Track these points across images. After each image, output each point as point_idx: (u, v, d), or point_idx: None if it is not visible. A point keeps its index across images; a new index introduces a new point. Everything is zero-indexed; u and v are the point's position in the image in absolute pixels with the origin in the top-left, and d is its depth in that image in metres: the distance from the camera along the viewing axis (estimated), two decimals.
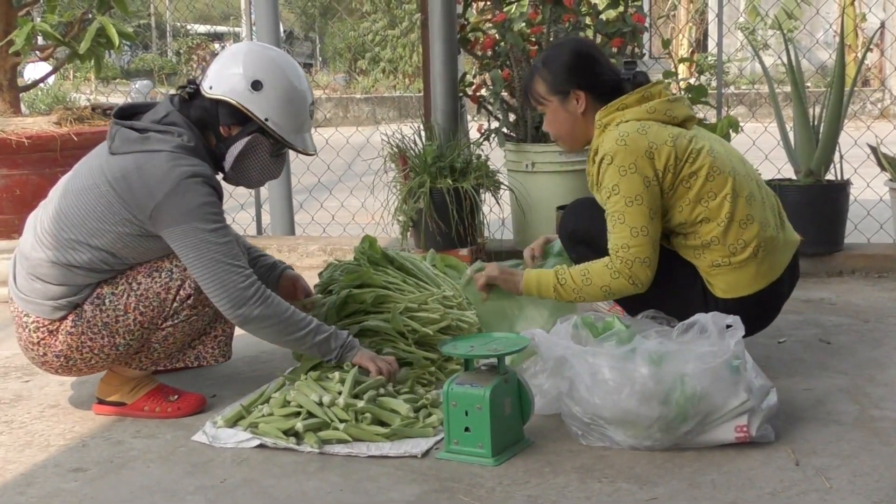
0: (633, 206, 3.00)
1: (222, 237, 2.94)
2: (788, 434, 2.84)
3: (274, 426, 2.90)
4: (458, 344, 2.89)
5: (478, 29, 5.39)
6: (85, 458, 2.88)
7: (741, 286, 3.12)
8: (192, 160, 2.96)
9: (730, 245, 3.08)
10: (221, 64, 3.08)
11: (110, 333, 3.02)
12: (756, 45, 13.03)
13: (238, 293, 2.93)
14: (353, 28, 19.96)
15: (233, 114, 3.05)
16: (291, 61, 3.16)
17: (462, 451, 2.75)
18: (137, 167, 2.94)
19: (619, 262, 3.01)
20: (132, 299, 3.01)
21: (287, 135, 3.09)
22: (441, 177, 4.78)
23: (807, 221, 4.75)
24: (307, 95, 3.13)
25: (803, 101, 4.89)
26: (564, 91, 3.18)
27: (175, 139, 2.98)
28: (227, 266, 2.92)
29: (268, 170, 3.14)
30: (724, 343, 2.73)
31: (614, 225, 3.03)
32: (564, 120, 3.22)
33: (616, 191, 3.02)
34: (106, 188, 2.96)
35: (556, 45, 3.42)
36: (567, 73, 3.18)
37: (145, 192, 2.91)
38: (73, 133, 4.86)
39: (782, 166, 5.35)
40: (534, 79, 3.23)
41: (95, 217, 2.97)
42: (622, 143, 3.03)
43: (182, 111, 3.06)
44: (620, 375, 2.69)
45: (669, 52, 5.78)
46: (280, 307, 2.98)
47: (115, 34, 4.92)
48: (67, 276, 3.00)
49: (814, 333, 3.85)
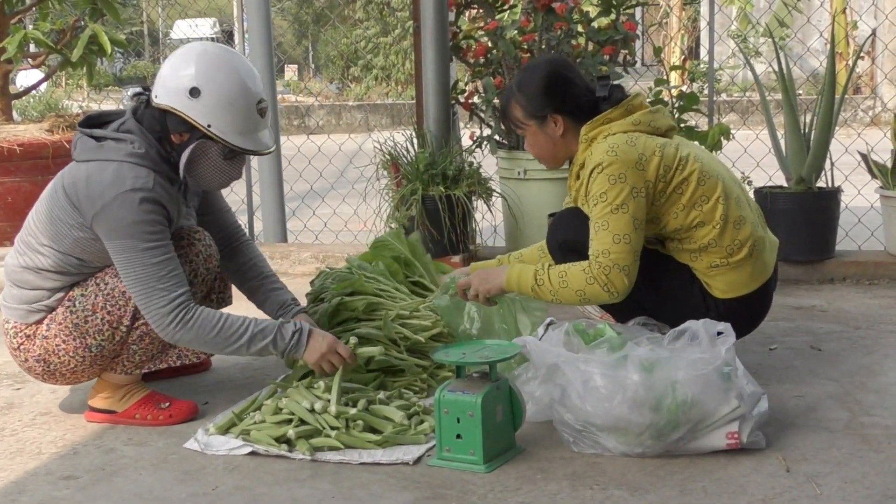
0: (618, 214, 3.00)
1: (155, 257, 2.92)
2: (779, 441, 2.85)
3: (266, 433, 2.90)
4: (450, 351, 2.89)
5: (470, 36, 5.41)
6: (76, 466, 2.88)
7: (739, 285, 3.16)
8: (139, 171, 2.94)
9: (726, 246, 3.12)
10: (165, 70, 3.04)
11: (81, 334, 3.03)
12: (748, 52, 13.06)
13: (157, 317, 2.93)
14: (346, 35, 19.99)
15: (180, 121, 3.00)
16: (236, 60, 3.07)
17: (454, 458, 2.75)
18: (87, 176, 2.95)
19: (596, 268, 2.99)
20: (99, 299, 3.02)
21: (233, 138, 3.01)
22: (433, 184, 4.79)
23: (798, 229, 4.78)
24: (253, 95, 3.03)
25: (794, 109, 4.90)
26: (541, 116, 3.17)
27: (127, 146, 2.97)
28: (150, 287, 2.92)
29: (224, 173, 3.07)
30: (716, 350, 2.74)
31: (597, 231, 3.02)
32: (544, 143, 3.22)
33: (603, 198, 3.02)
34: (61, 193, 2.99)
35: (529, 67, 3.38)
36: (542, 97, 3.16)
37: (88, 202, 2.93)
38: (64, 140, 4.87)
39: (773, 174, 5.36)
40: (510, 104, 3.23)
41: (53, 222, 3.01)
42: (613, 153, 3.03)
43: (138, 118, 3.06)
44: (612, 382, 2.69)
45: (661, 59, 5.80)
46: (204, 328, 2.95)
47: (107, 41, 4.93)
48: (38, 280, 3.04)
49: (805, 340, 3.86)
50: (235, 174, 3.13)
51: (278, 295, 3.36)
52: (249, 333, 3.00)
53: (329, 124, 15.18)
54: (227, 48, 3.17)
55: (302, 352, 3.05)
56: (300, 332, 3.06)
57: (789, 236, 4.73)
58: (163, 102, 3.00)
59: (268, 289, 3.37)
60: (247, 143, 3.04)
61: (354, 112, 16.18)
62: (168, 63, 3.06)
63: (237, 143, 3.02)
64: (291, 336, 3.04)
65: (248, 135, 3.04)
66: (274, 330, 3.03)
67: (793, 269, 4.84)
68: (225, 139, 3.00)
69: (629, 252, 2.99)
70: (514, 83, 3.26)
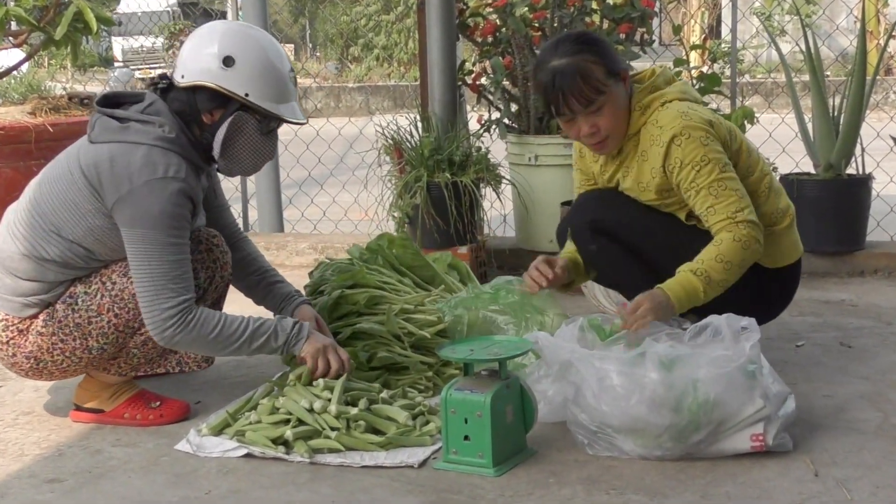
0: (728, 171, 3.07)
1: (173, 254, 2.92)
2: (807, 443, 2.84)
3: (262, 434, 2.90)
4: (457, 347, 2.89)
5: (478, 14, 5.39)
6: (61, 469, 2.88)
7: (786, 254, 3.29)
8: (171, 158, 2.94)
9: (771, 214, 3.23)
10: (188, 50, 3.06)
11: (83, 335, 3.02)
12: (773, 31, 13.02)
13: (159, 318, 2.92)
14: (346, 12, 19.96)
15: (211, 97, 3.02)
16: (259, 30, 3.14)
17: (461, 460, 2.75)
18: (111, 157, 2.93)
19: (744, 229, 3.02)
20: (106, 300, 3.01)
21: (272, 106, 3.04)
22: (439, 170, 4.78)
23: (826, 218, 4.78)
24: (285, 62, 3.09)
25: (823, 91, 4.89)
26: (618, 73, 3.11)
27: (156, 130, 2.97)
28: (161, 285, 2.91)
29: (260, 150, 3.08)
30: (739, 346, 2.74)
31: (718, 194, 3.04)
32: (622, 108, 3.14)
33: (706, 161, 3.04)
34: (78, 175, 2.96)
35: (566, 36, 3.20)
36: (613, 51, 3.12)
37: (112, 184, 2.91)
38: (48, 124, 4.86)
39: (800, 160, 5.35)
40: (584, 68, 3.05)
41: (67, 206, 2.98)
42: (688, 118, 3.06)
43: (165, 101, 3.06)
44: (629, 381, 2.69)
45: (681, 38, 5.78)
46: (204, 330, 2.95)
47: (93, 19, 4.91)
48: (38, 271, 3.01)
49: (834, 336, 3.86)
50: (270, 153, 3.14)
51: (280, 288, 3.37)
52: (249, 331, 3.01)
53: (328, 107, 15.17)
54: (244, 23, 3.22)
55: (302, 344, 3.06)
56: (300, 325, 3.08)
57: (817, 226, 4.73)
58: (191, 80, 3.01)
59: (268, 282, 3.38)
60: (285, 111, 3.08)
61: (355, 94, 16.18)
62: (188, 44, 3.08)
63: (275, 111, 3.05)
64: (292, 328, 3.06)
65: (283, 104, 3.07)
66: (273, 324, 3.05)
67: (821, 260, 4.83)
68: (264, 107, 3.02)
69: (748, 201, 3.07)
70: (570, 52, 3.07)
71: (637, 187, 3.22)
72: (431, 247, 4.62)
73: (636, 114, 3.16)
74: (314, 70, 18.86)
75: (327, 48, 23.00)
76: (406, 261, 3.69)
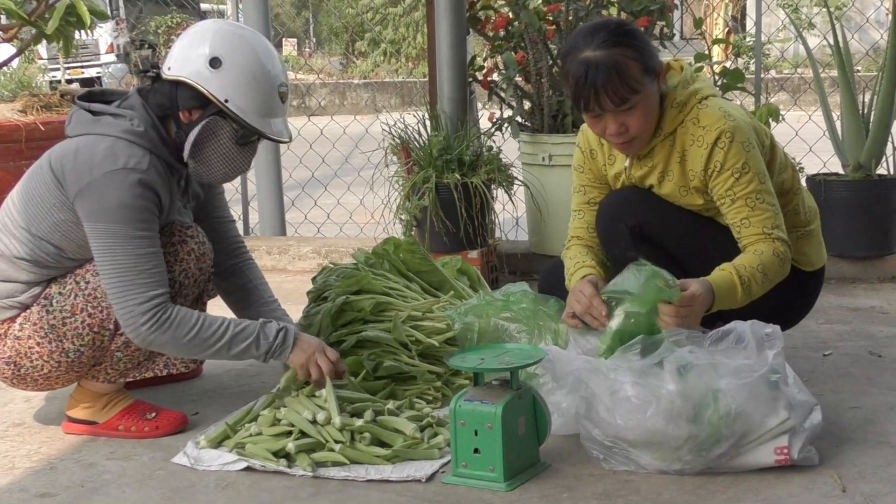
0: (766, 183, 3.05)
1: (139, 248, 2.93)
2: (834, 457, 2.84)
3: (263, 447, 2.92)
4: (467, 356, 2.89)
5: (489, 7, 5.41)
6: (53, 482, 2.89)
7: (818, 256, 3.31)
8: (134, 150, 2.96)
9: (806, 213, 3.27)
10: (181, 43, 3.07)
11: (58, 337, 3.04)
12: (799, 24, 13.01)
13: (131, 315, 2.93)
14: (351, 5, 20.01)
15: (192, 96, 3.02)
16: (261, 39, 3.12)
17: (471, 474, 2.75)
18: (76, 149, 2.97)
19: (782, 246, 3.02)
20: (80, 300, 3.03)
21: (251, 118, 3.02)
22: (448, 171, 4.80)
23: (855, 221, 4.78)
24: (277, 76, 3.07)
25: (852, 87, 4.89)
26: (654, 70, 3.04)
27: (125, 123, 2.99)
28: (128, 281, 2.92)
29: (232, 160, 3.08)
30: (763, 355, 2.73)
31: (754, 206, 3.02)
32: (655, 106, 3.06)
33: (746, 169, 3.02)
34: (46, 168, 3.01)
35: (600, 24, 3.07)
36: (650, 46, 3.05)
37: (74, 177, 2.94)
38: (39, 122, 4.89)
39: (828, 159, 5.35)
40: (621, 63, 2.94)
41: (34, 201, 3.02)
42: (731, 118, 3.04)
43: (144, 94, 3.08)
44: (645, 392, 2.69)
45: (702, 32, 5.78)
46: (180, 331, 2.95)
47: (86, 12, 4.93)
48: (11, 271, 3.05)
49: (863, 345, 3.86)
50: (244, 165, 3.13)
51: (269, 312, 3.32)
52: (229, 335, 3.01)
53: (332, 104, 15.21)
54: (248, 28, 3.21)
55: (288, 353, 3.06)
56: (284, 331, 3.06)
57: (846, 229, 4.74)
58: (175, 74, 3.02)
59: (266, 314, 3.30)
60: (264, 126, 3.06)
61: (360, 91, 16.22)
62: (181, 40, 3.08)
63: (255, 123, 3.03)
64: (276, 336, 3.05)
65: (266, 118, 3.06)
66: (256, 330, 3.04)
67: (849, 265, 4.83)
68: (242, 118, 3.01)
69: (783, 224, 3.07)
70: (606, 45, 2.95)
71: (679, 192, 3.14)
72: (440, 251, 4.64)
73: (672, 112, 3.08)
74: (318, 66, 18.89)
75: (332, 43, 23.04)
76: (413, 266, 3.70)
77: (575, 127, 4.95)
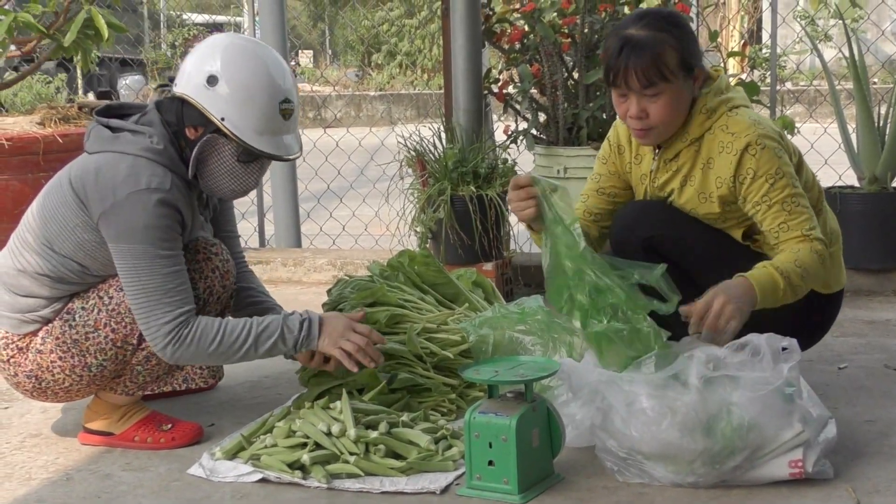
0: (799, 187, 3.04)
1: (165, 267, 2.94)
2: (849, 470, 2.84)
3: (278, 458, 2.92)
4: (482, 368, 2.89)
5: (504, 20, 5.42)
6: (70, 494, 2.91)
7: (836, 280, 3.25)
8: (156, 169, 2.96)
9: (829, 234, 3.20)
10: (190, 58, 3.07)
11: (80, 352, 3.05)
12: (815, 36, 12.99)
13: (158, 334, 2.95)
14: (367, 17, 20.04)
15: (196, 113, 3.02)
16: (268, 54, 3.07)
17: (485, 486, 2.76)
18: (97, 168, 2.97)
19: (819, 244, 3.00)
20: (103, 315, 3.04)
21: (249, 137, 3.00)
22: (463, 183, 4.80)
23: (871, 233, 4.77)
24: (278, 91, 3.03)
25: (868, 100, 4.89)
26: (692, 67, 3.05)
27: (144, 140, 2.99)
28: (156, 300, 2.93)
29: (237, 177, 3.08)
30: (778, 368, 2.73)
31: (791, 210, 3.00)
32: (683, 102, 3.06)
33: (780, 174, 3.01)
34: (67, 187, 3.01)
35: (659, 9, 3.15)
36: (696, 45, 3.08)
37: (97, 198, 2.94)
38: (57, 134, 4.92)
39: (844, 172, 5.35)
40: (661, 47, 2.97)
41: (56, 220, 3.02)
42: (761, 126, 3.04)
43: (161, 111, 3.08)
44: (660, 404, 2.69)
45: (718, 44, 5.78)
46: (204, 342, 2.96)
47: (104, 26, 4.97)
48: (34, 287, 3.05)
49: (878, 359, 3.85)
50: (251, 181, 3.13)
51: None
52: (253, 335, 3.01)
53: (348, 116, 15.23)
54: (258, 41, 3.20)
55: (316, 342, 3.06)
56: (308, 320, 3.07)
57: (861, 242, 4.72)
58: (180, 90, 3.03)
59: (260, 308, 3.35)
60: (263, 144, 3.03)
61: (376, 103, 16.24)
62: (192, 54, 3.08)
63: (252, 142, 3.01)
64: (300, 326, 3.05)
65: (266, 136, 3.03)
66: (279, 325, 3.04)
67: (865, 278, 4.82)
68: (238, 136, 3.00)
69: (819, 226, 3.05)
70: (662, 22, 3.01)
71: (698, 198, 3.14)
72: (455, 263, 4.65)
73: (700, 117, 3.08)
74: (334, 77, 18.93)
75: (347, 54, 23.07)
76: (428, 278, 3.70)
77: (590, 139, 4.96)
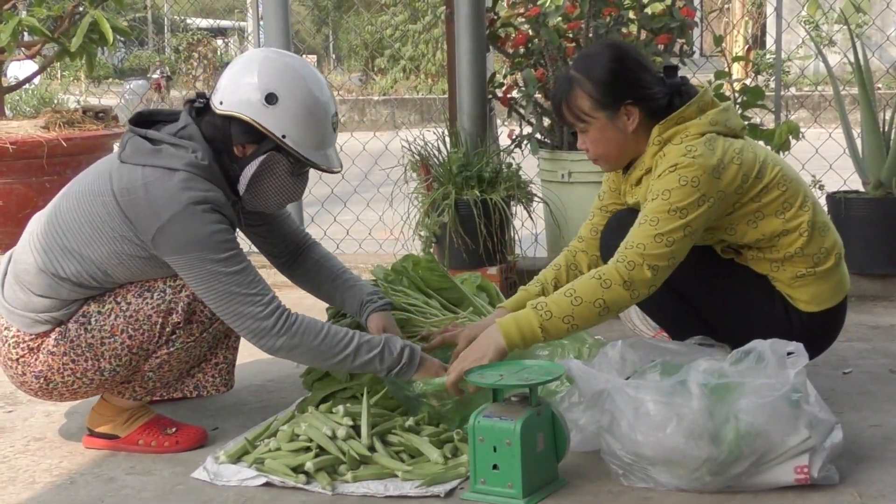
0: (673, 216, 2.95)
1: (234, 265, 2.95)
2: (854, 475, 2.83)
3: (282, 462, 2.92)
4: (486, 372, 2.89)
5: (509, 24, 5.42)
6: (74, 497, 2.91)
7: (825, 297, 3.19)
8: (203, 184, 2.97)
9: (813, 255, 3.14)
10: (232, 75, 3.07)
11: (95, 356, 3.04)
12: (820, 41, 12.99)
13: (256, 325, 2.95)
14: (371, 22, 20.05)
15: (247, 131, 3.03)
16: (311, 69, 3.13)
17: (489, 490, 2.75)
18: (145, 183, 2.95)
19: (621, 263, 2.93)
20: (120, 321, 3.03)
21: (307, 152, 3.06)
22: (468, 187, 4.80)
23: (876, 238, 4.76)
24: (329, 106, 3.10)
25: (872, 105, 4.88)
26: (614, 107, 3.09)
27: (188, 155, 2.98)
28: (242, 297, 2.94)
29: (288, 191, 3.12)
30: (784, 374, 2.73)
31: (640, 224, 2.98)
32: (613, 139, 3.12)
33: (665, 196, 2.97)
34: (110, 197, 2.98)
35: (591, 50, 3.27)
36: (616, 85, 3.08)
37: (150, 212, 2.93)
38: (61, 138, 4.91)
39: (848, 177, 5.34)
40: (573, 93, 3.10)
41: (93, 225, 3.00)
42: (691, 157, 2.98)
43: (198, 125, 3.07)
44: (666, 410, 2.69)
45: (722, 49, 5.78)
46: (308, 335, 2.98)
47: (108, 29, 4.98)
48: (52, 288, 3.03)
49: (883, 364, 3.84)
50: (298, 193, 3.18)
51: (355, 293, 3.41)
52: (355, 344, 3.02)
53: (352, 121, 15.24)
54: (293, 55, 3.23)
55: (412, 373, 3.08)
56: (410, 350, 3.08)
57: (866, 247, 4.72)
58: (229, 109, 3.02)
59: (343, 289, 3.42)
60: (320, 158, 3.10)
61: (380, 107, 16.24)
62: (236, 67, 3.09)
63: (312, 157, 3.07)
64: (401, 352, 3.06)
65: (320, 150, 3.10)
66: (381, 343, 3.05)
67: (869, 283, 4.82)
68: (299, 152, 3.04)
69: (666, 256, 2.95)
70: (578, 69, 3.13)
71: None
72: (460, 267, 4.64)
73: (653, 148, 3.11)
74: (338, 82, 18.94)
75: (351, 59, 23.09)
76: (432, 282, 3.70)
77: None
